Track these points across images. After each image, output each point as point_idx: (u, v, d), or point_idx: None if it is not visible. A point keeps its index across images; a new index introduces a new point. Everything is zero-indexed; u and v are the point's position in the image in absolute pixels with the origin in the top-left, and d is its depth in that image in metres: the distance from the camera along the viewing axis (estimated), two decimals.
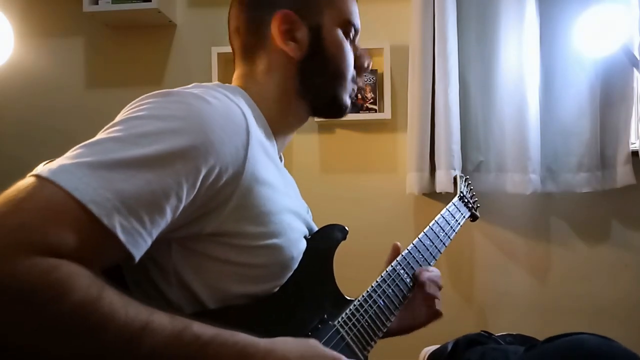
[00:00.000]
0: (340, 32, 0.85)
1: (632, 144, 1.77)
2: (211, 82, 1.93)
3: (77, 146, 0.58)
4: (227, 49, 1.92)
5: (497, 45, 1.82)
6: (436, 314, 0.97)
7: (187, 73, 2.01)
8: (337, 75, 0.85)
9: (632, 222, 1.85)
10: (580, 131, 1.78)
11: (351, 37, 0.87)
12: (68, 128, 2.00)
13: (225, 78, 1.94)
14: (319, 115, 0.91)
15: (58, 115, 2.04)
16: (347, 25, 0.85)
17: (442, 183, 1.77)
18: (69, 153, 0.58)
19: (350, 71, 0.87)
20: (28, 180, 0.54)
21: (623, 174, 1.74)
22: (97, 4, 1.89)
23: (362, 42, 2.30)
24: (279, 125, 0.83)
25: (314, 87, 0.84)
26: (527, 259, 1.89)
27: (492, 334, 1.28)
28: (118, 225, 0.54)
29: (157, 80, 2.03)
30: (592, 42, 1.69)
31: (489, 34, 1.84)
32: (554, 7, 1.81)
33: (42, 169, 0.54)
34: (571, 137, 1.79)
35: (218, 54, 1.92)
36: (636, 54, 1.67)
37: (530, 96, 1.76)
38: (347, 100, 0.88)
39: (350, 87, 0.88)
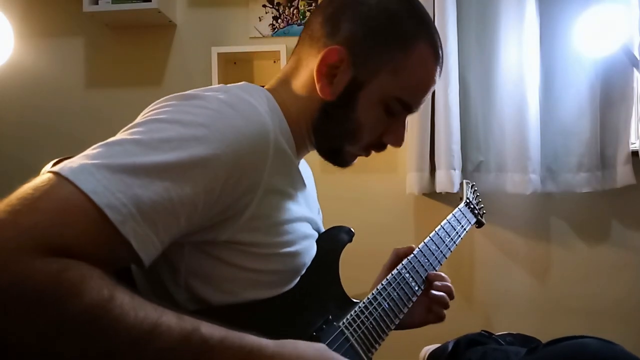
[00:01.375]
0: (381, 103, 0.77)
1: (632, 144, 1.77)
2: (211, 82, 1.91)
3: (98, 144, 0.58)
4: (227, 49, 1.94)
5: (497, 45, 1.82)
6: (439, 318, 0.97)
7: (187, 73, 2.01)
8: (352, 139, 0.79)
9: (632, 222, 1.85)
10: (580, 131, 1.78)
11: (396, 112, 0.79)
12: (68, 128, 2.00)
13: (225, 78, 1.94)
14: (320, 155, 0.85)
15: (58, 116, 2.03)
16: (393, 101, 0.77)
17: (442, 183, 1.77)
18: (89, 151, 0.57)
19: (365, 140, 0.80)
20: (47, 177, 0.53)
21: (623, 174, 1.74)
22: (97, 4, 1.88)
23: None
24: (299, 136, 0.79)
25: (325, 134, 0.79)
26: (527, 259, 1.89)
27: (493, 334, 1.28)
28: (132, 232, 0.54)
29: (157, 80, 2.03)
30: (592, 42, 1.69)
31: (489, 34, 1.84)
32: (554, 7, 1.81)
33: (61, 166, 0.54)
34: (571, 137, 1.79)
35: (218, 54, 1.91)
36: (636, 54, 1.67)
37: (530, 96, 1.76)
38: (351, 161, 0.84)
39: (359, 152, 0.83)
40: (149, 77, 2.03)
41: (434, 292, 0.96)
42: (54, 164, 0.65)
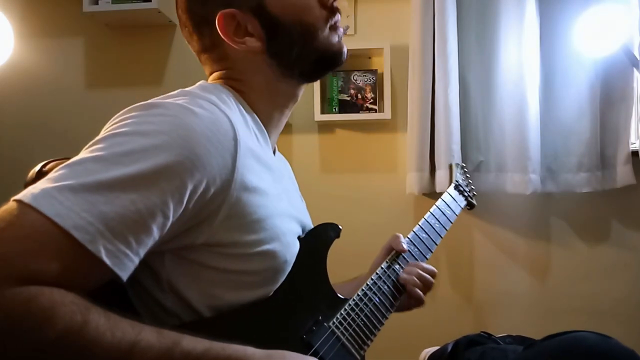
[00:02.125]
0: None
1: (632, 144, 1.77)
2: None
3: (60, 166, 0.57)
4: None
5: (497, 45, 1.82)
6: (419, 302, 0.94)
7: (187, 73, 2.00)
8: (307, 34, 0.77)
9: (632, 222, 1.84)
10: (580, 131, 1.78)
11: None
12: (68, 128, 2.00)
13: None
14: (319, 75, 0.84)
15: (58, 115, 2.04)
16: None
17: (442, 183, 1.77)
18: (52, 174, 0.56)
19: (318, 17, 0.78)
20: (10, 206, 0.53)
21: (623, 174, 1.74)
22: (97, 4, 1.89)
23: (362, 42, 2.27)
24: (268, 114, 0.80)
25: (294, 61, 0.78)
26: (527, 259, 1.89)
27: (492, 335, 1.28)
28: (102, 249, 0.54)
29: (157, 80, 2.03)
30: (592, 42, 1.69)
31: (489, 34, 1.84)
32: (554, 7, 1.80)
33: (24, 193, 0.54)
34: (571, 137, 1.79)
35: None
36: (636, 54, 1.67)
37: (530, 96, 1.76)
38: (335, 42, 0.80)
39: (328, 28, 0.79)
40: (149, 77, 2.03)
41: (403, 275, 0.94)
42: (43, 166, 0.65)
